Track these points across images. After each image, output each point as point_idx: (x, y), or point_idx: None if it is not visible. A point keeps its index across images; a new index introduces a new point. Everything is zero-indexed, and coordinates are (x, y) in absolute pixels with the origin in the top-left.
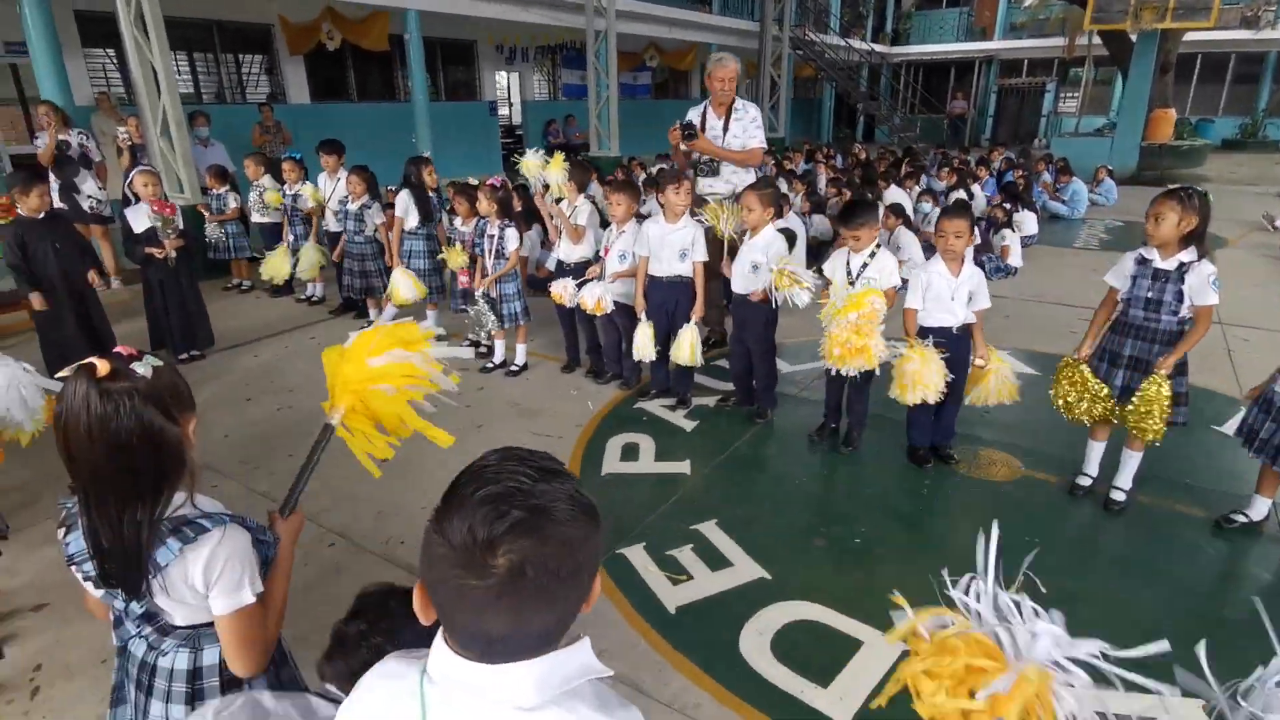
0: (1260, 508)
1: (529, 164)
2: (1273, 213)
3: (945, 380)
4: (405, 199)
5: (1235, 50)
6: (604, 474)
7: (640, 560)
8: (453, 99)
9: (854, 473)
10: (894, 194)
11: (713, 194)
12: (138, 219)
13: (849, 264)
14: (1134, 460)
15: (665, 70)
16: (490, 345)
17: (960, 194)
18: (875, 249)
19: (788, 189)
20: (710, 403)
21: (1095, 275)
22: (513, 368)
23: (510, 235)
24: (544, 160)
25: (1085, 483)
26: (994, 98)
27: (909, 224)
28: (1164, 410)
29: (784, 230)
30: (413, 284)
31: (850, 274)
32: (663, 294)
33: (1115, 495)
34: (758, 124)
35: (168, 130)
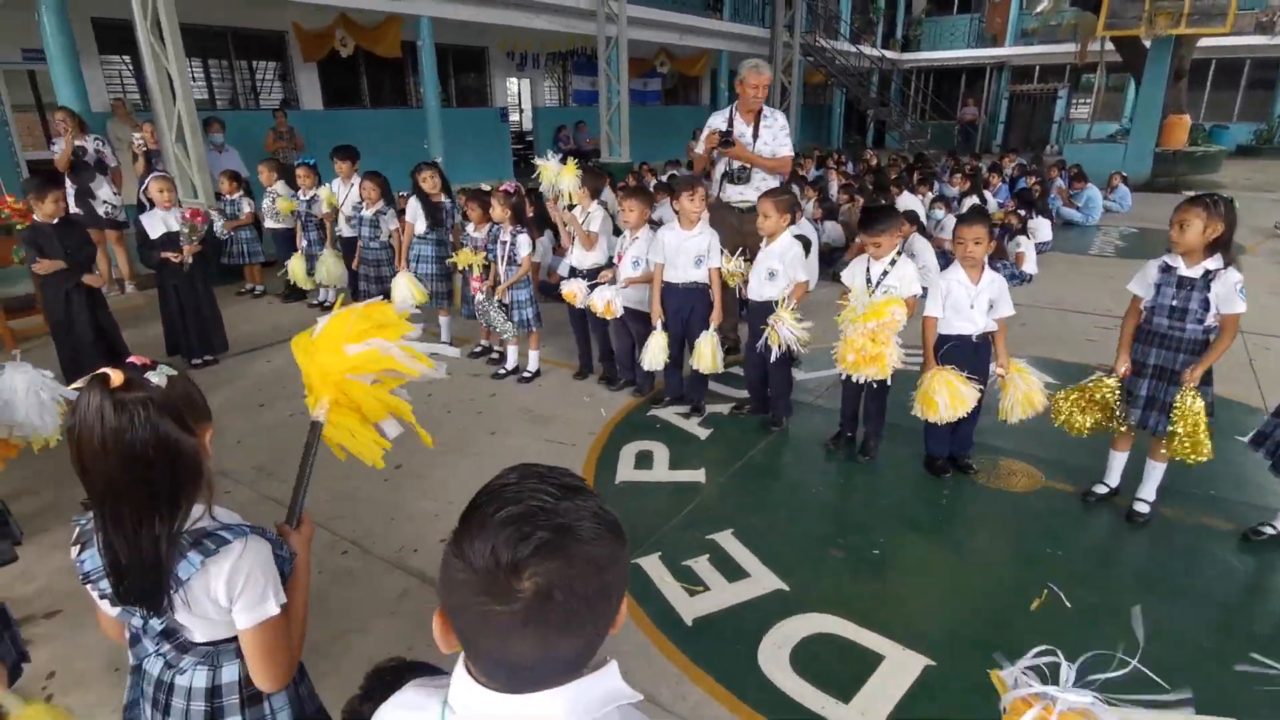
0: None
1: (547, 169)
2: None
3: (977, 395)
4: (415, 205)
5: (1250, 56)
6: (618, 482)
7: (656, 571)
8: (464, 105)
9: (871, 482)
10: (907, 200)
11: (743, 200)
12: (153, 224)
13: (869, 271)
14: (1158, 471)
15: (675, 76)
16: (502, 351)
17: (974, 200)
18: (896, 256)
19: (800, 196)
20: (724, 410)
21: (1112, 282)
22: (525, 374)
23: (522, 241)
24: (560, 166)
25: (1101, 490)
26: (1005, 104)
27: (923, 231)
28: (1201, 424)
29: (798, 237)
30: (411, 289)
31: (870, 281)
32: (678, 301)
33: (1139, 507)
34: (786, 132)
35: (183, 136)
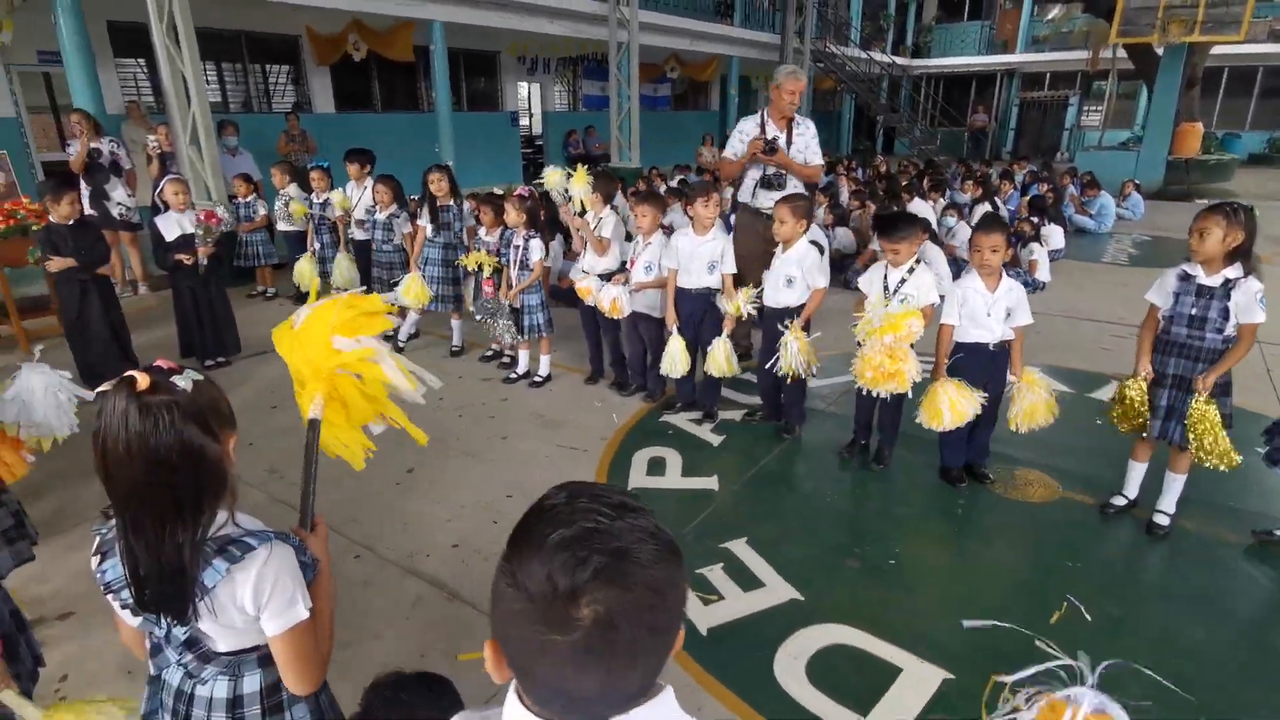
0: None
1: (553, 177)
2: None
3: (979, 406)
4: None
5: (1263, 64)
6: (630, 489)
7: None
8: (474, 109)
9: (886, 491)
10: (918, 207)
11: (768, 205)
12: (168, 227)
13: (886, 279)
14: (1178, 483)
15: (685, 82)
16: (514, 356)
17: (986, 207)
18: (914, 264)
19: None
20: (736, 417)
21: (1126, 291)
22: (536, 379)
23: (535, 246)
24: (567, 173)
25: (1119, 502)
26: (1015, 111)
27: (934, 238)
28: (1219, 432)
29: (811, 243)
30: (415, 289)
31: (888, 289)
32: (691, 306)
33: (1158, 519)
34: (816, 140)
35: (197, 139)
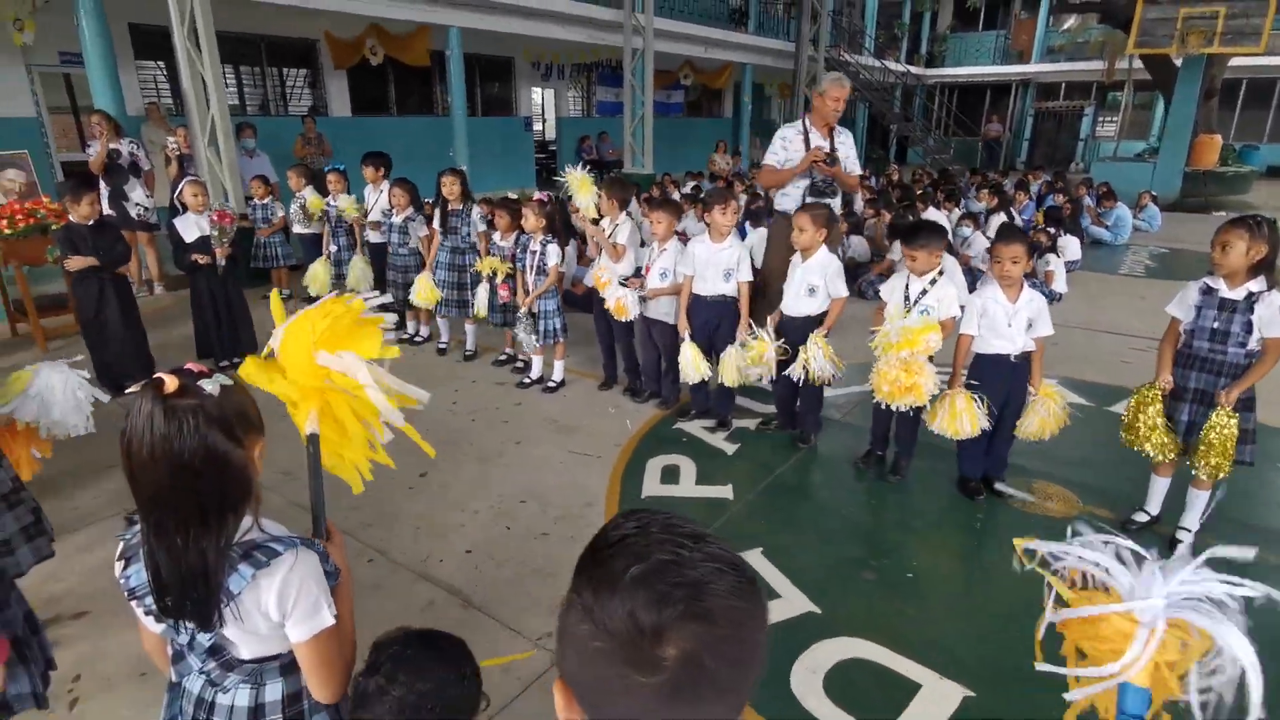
0: None
1: (575, 180)
2: None
3: (986, 425)
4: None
5: None
6: (644, 496)
7: None
8: (489, 114)
9: (902, 503)
10: (932, 216)
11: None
12: (187, 228)
13: (908, 289)
14: (1200, 500)
15: (699, 89)
16: (527, 360)
17: (1002, 218)
18: (937, 276)
19: None
20: (751, 425)
21: (1144, 303)
22: (550, 384)
23: (552, 251)
24: (589, 177)
25: (1141, 519)
26: (1030, 121)
27: (949, 248)
28: (1230, 447)
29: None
30: (425, 290)
31: (908, 299)
32: (706, 313)
33: (1181, 536)
34: (854, 149)
35: (215, 141)
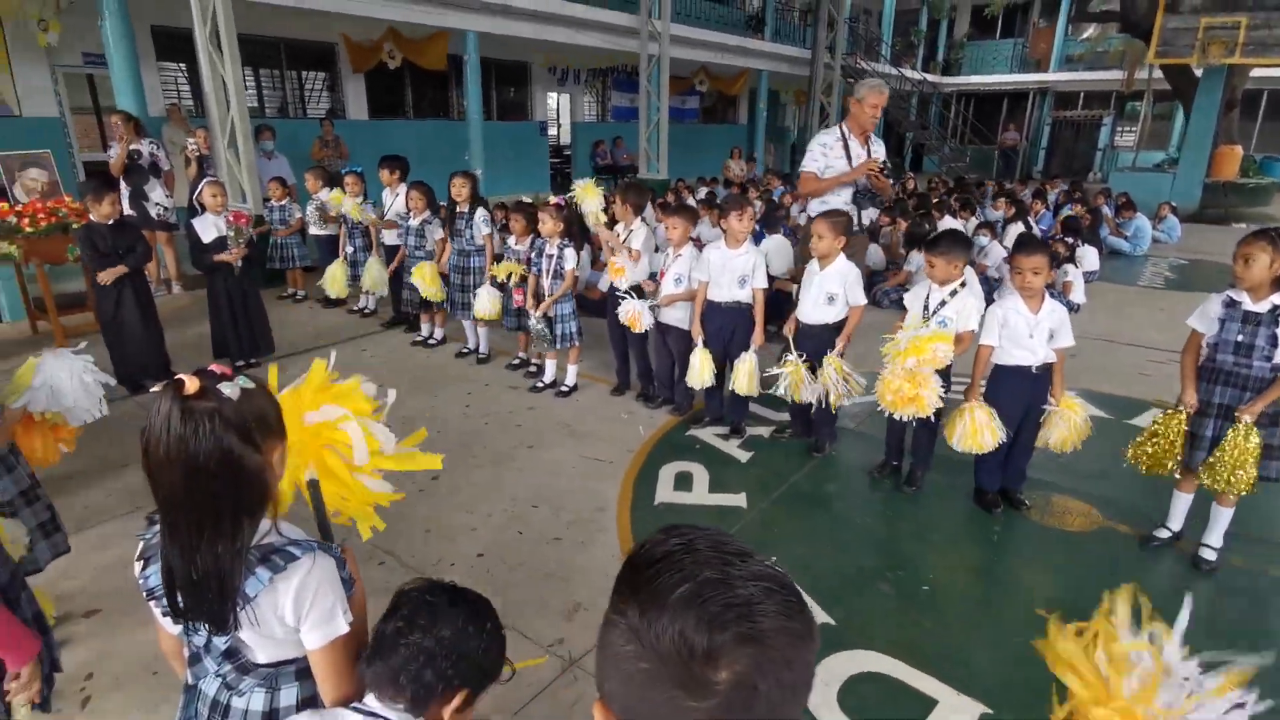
0: None
1: (589, 195)
2: None
3: (1002, 439)
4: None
5: None
6: (657, 503)
7: None
8: (504, 119)
9: (918, 514)
10: (948, 225)
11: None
12: (205, 229)
13: (928, 297)
14: (1224, 517)
15: (714, 95)
16: (540, 364)
17: (1019, 227)
18: (959, 287)
19: None
20: (765, 433)
21: (1164, 315)
22: (563, 388)
23: (569, 255)
24: (598, 186)
25: (1163, 535)
26: (1047, 130)
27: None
28: (1254, 462)
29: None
30: (434, 285)
31: (927, 309)
32: (720, 320)
33: (1205, 554)
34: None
35: (235, 142)
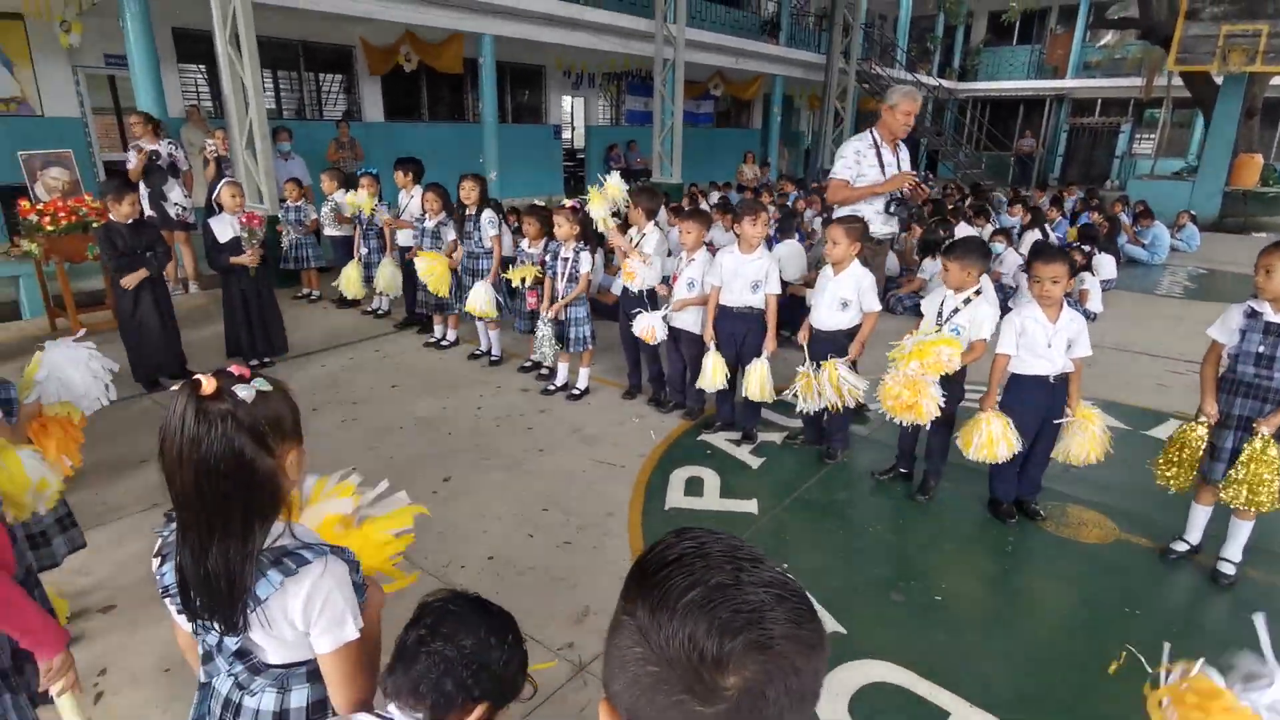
0: None
1: (606, 193)
2: None
3: (1016, 450)
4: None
5: None
6: (668, 508)
7: None
8: (519, 122)
9: (931, 524)
10: (964, 231)
11: (889, 233)
12: (222, 229)
13: (942, 304)
14: (1243, 530)
15: (728, 99)
16: (552, 367)
17: (1036, 234)
18: (974, 294)
19: None
20: (777, 439)
21: (1183, 326)
22: (574, 391)
23: (584, 258)
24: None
25: (1181, 548)
26: (1064, 136)
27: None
28: (1271, 473)
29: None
30: (439, 280)
31: (941, 315)
32: (732, 325)
33: (1223, 568)
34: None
35: (253, 143)
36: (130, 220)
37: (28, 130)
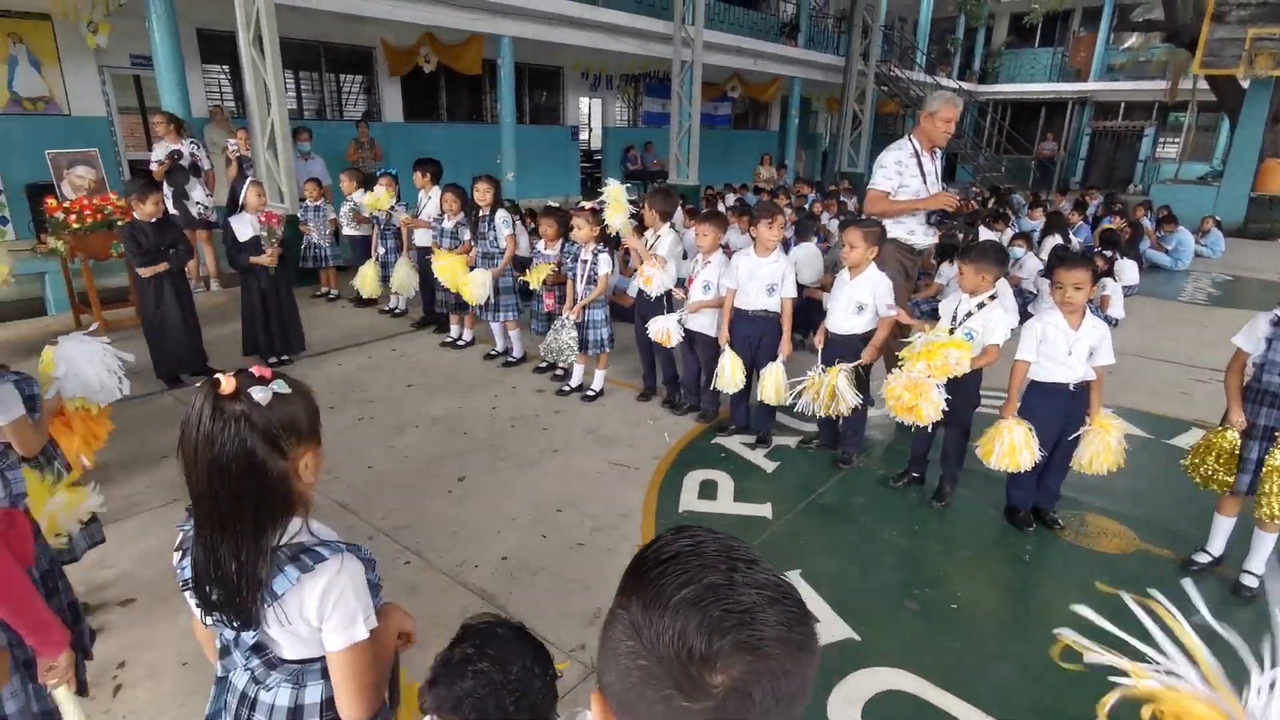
0: None
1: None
2: None
3: (1036, 459)
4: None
5: None
6: (681, 511)
7: None
8: (536, 123)
9: (947, 530)
10: (983, 236)
11: (930, 244)
12: (242, 228)
13: (958, 306)
14: (1268, 542)
15: (746, 101)
16: (567, 368)
17: (1056, 239)
18: (989, 299)
19: None
20: (791, 443)
21: (1207, 333)
22: (589, 392)
23: (603, 260)
24: (628, 190)
25: (1203, 559)
26: (1086, 140)
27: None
28: None
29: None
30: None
31: (955, 318)
32: (747, 328)
33: (1246, 580)
34: None
35: (274, 143)
36: (154, 219)
37: (55, 129)
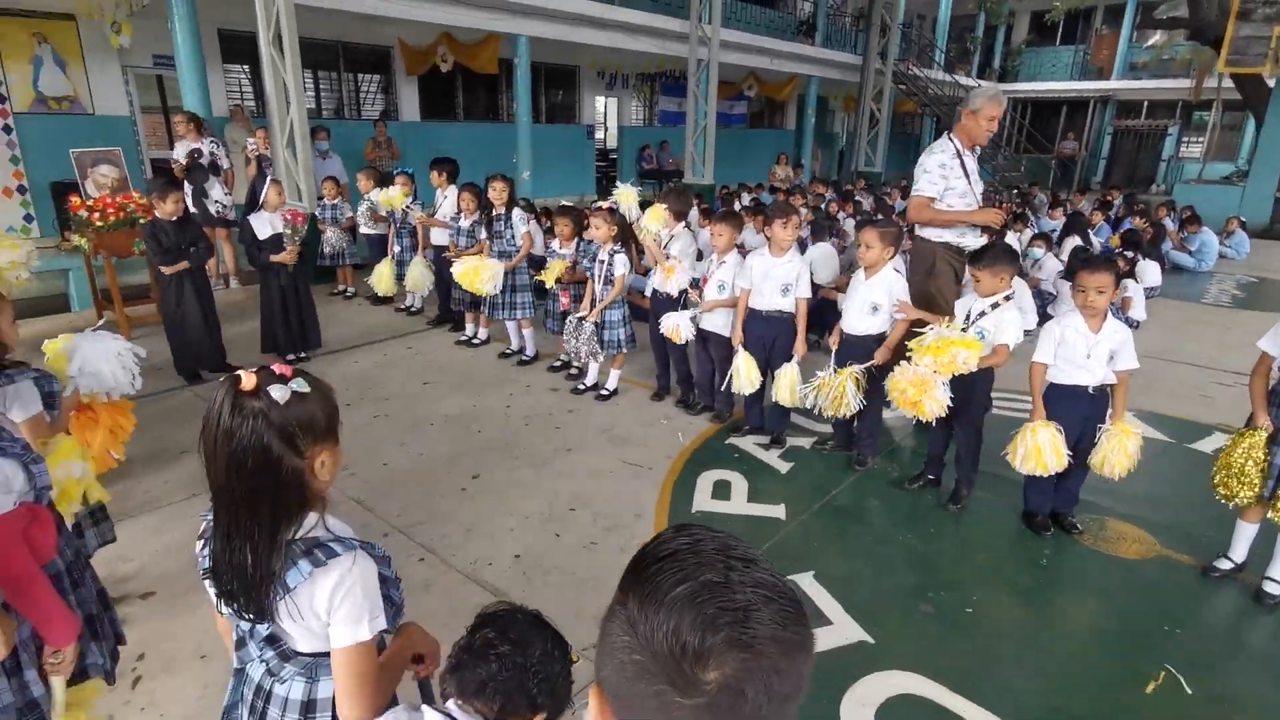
0: None
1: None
2: None
3: (1063, 464)
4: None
5: None
6: (694, 511)
7: None
8: (552, 122)
9: (963, 534)
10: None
11: (978, 245)
12: (261, 226)
13: (972, 305)
14: None
15: (762, 100)
16: (582, 367)
17: (1075, 240)
18: (1003, 300)
19: None
20: (806, 444)
21: (1231, 336)
22: (603, 391)
23: (620, 260)
24: (638, 193)
25: (1225, 566)
26: (1108, 139)
27: (1019, 270)
28: None
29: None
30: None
31: (968, 316)
32: (761, 328)
33: (1268, 588)
34: None
35: (293, 142)
36: (175, 218)
37: (79, 128)
